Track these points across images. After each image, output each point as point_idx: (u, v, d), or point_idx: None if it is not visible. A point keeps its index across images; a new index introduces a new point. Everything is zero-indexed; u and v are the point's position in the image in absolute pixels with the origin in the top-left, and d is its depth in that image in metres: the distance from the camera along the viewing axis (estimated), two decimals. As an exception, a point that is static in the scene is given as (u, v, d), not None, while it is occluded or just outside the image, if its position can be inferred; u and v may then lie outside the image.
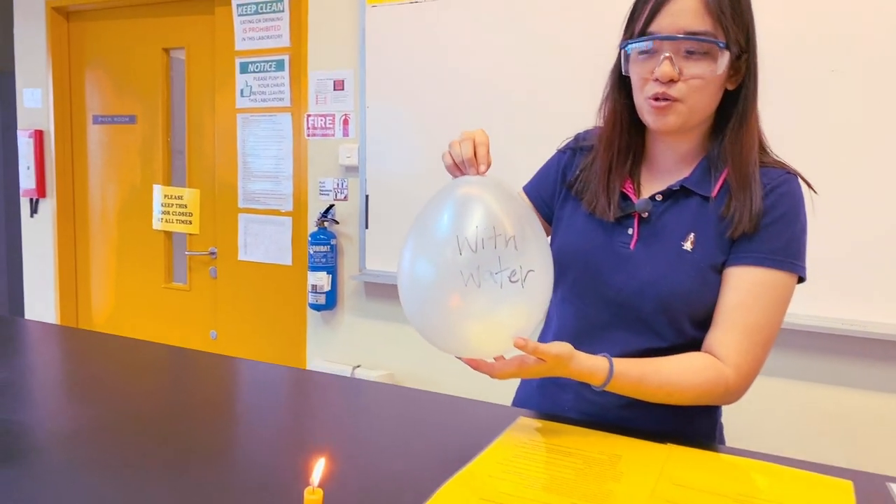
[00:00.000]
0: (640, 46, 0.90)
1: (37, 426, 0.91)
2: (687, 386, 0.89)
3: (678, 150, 0.98)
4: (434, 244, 0.84)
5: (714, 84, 0.90)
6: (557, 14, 2.11)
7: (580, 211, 1.02)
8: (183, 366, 1.24)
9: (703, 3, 0.87)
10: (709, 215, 0.94)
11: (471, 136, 0.88)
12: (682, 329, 0.94)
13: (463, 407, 1.05)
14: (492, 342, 0.86)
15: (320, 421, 1.01)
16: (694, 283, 0.92)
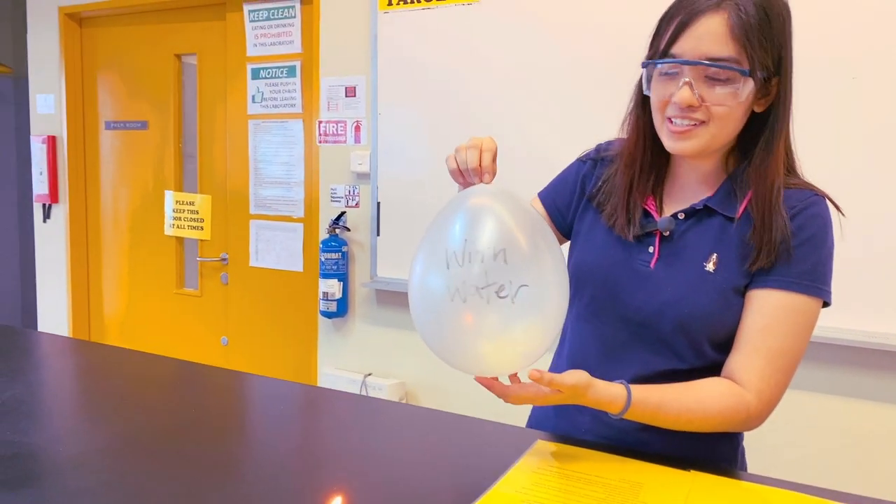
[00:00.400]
0: (661, 68, 0.88)
1: (49, 448, 0.90)
2: (707, 413, 0.86)
3: (701, 170, 0.95)
4: (437, 257, 0.81)
5: (738, 110, 0.86)
6: (571, 21, 2.09)
7: (600, 225, 1.00)
8: (196, 382, 1.23)
9: (729, 28, 0.83)
10: (732, 236, 0.91)
11: (478, 143, 0.86)
12: (702, 351, 0.92)
13: (479, 429, 1.03)
14: (501, 361, 0.83)
15: (334, 444, 0.99)
16: (715, 304, 0.90)
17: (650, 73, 0.90)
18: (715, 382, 0.89)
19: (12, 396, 1.08)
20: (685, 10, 0.85)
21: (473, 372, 0.84)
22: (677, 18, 0.86)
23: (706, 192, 0.95)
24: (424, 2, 2.31)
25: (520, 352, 0.82)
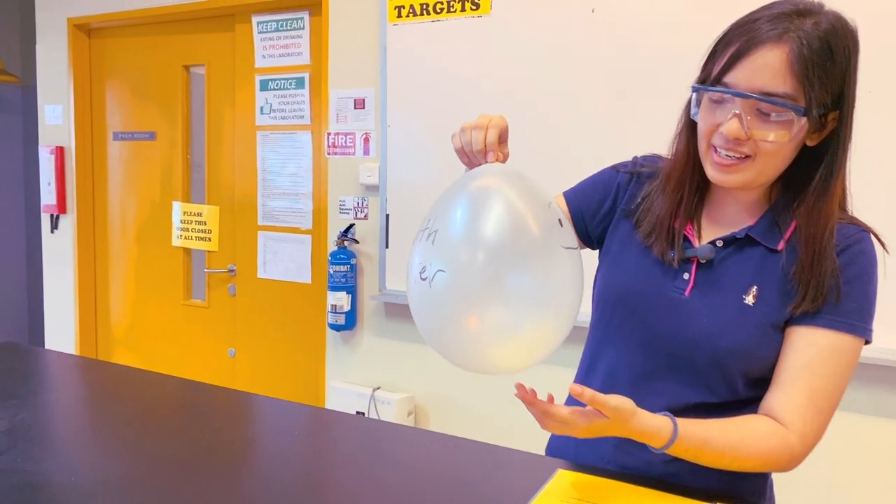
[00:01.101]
0: (712, 94, 0.84)
1: (61, 478, 0.88)
2: (752, 453, 0.83)
3: (743, 199, 0.92)
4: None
5: (788, 147, 0.82)
6: (579, 32, 2.07)
7: (633, 244, 0.96)
8: (207, 405, 1.21)
9: (788, 62, 0.78)
10: (774, 269, 0.88)
11: (485, 122, 0.84)
12: (734, 386, 0.89)
13: (496, 457, 1.01)
14: (506, 358, 0.80)
15: (347, 473, 0.97)
16: (753, 340, 0.87)
17: (699, 97, 0.86)
18: (760, 421, 0.86)
19: (22, 422, 1.06)
20: (744, 37, 0.81)
21: (477, 369, 0.82)
22: (735, 45, 0.81)
23: (747, 221, 0.91)
24: (434, 14, 2.30)
25: (528, 349, 0.79)
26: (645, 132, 2.07)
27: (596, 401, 0.76)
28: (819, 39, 0.78)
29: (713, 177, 0.86)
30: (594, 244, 1.05)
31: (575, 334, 2.30)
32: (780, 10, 0.80)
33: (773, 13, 0.80)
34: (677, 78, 1.99)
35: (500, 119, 0.84)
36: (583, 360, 1.05)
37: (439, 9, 2.28)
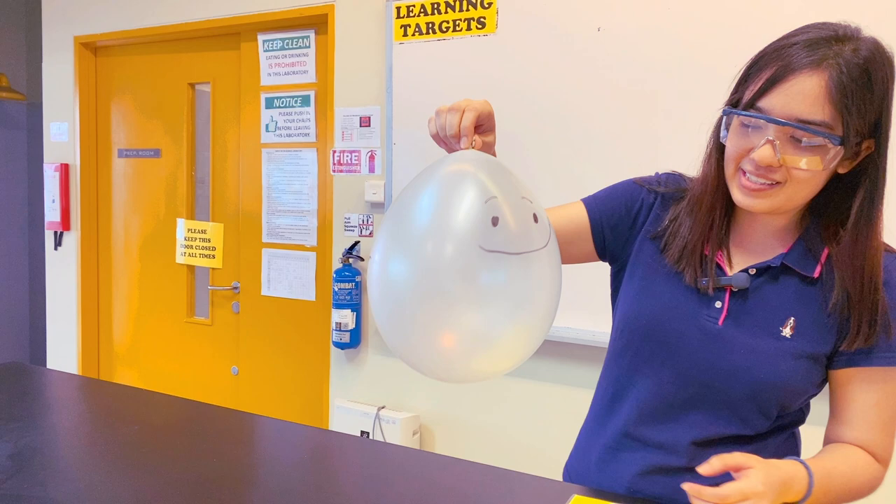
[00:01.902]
0: (743, 118, 0.81)
1: (68, 502, 0.86)
2: (862, 483, 0.86)
3: (771, 225, 0.90)
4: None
5: (821, 175, 0.80)
6: (585, 51, 2.08)
7: (661, 269, 0.93)
8: (213, 427, 1.19)
9: (827, 89, 0.75)
10: (811, 300, 0.86)
11: (461, 105, 0.78)
12: (769, 417, 0.89)
13: (510, 482, 0.99)
14: (482, 367, 0.73)
15: (358, 498, 0.95)
16: (793, 374, 0.86)
17: (729, 120, 0.84)
18: (857, 453, 0.87)
19: (27, 445, 1.05)
20: (780, 62, 0.78)
21: (444, 377, 0.74)
22: (770, 70, 0.78)
23: (777, 247, 0.89)
24: (440, 33, 2.31)
25: (503, 357, 0.72)
26: (651, 150, 2.08)
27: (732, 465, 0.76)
28: (858, 67, 0.76)
29: (740, 201, 0.84)
30: (606, 257, 1.02)
31: (585, 353, 2.27)
32: (818, 34, 0.78)
33: (811, 38, 0.78)
34: (683, 97, 2.00)
35: (480, 103, 0.79)
36: (605, 387, 1.01)
37: (445, 27, 2.29)
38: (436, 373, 0.74)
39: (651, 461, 0.93)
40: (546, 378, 2.21)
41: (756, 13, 1.81)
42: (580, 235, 0.98)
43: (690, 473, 0.90)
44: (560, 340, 2.10)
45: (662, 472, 0.92)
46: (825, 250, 0.87)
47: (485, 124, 0.81)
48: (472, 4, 2.24)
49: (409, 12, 2.35)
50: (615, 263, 1.02)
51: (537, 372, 2.22)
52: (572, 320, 2.07)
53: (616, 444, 0.97)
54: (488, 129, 0.82)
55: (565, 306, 2.16)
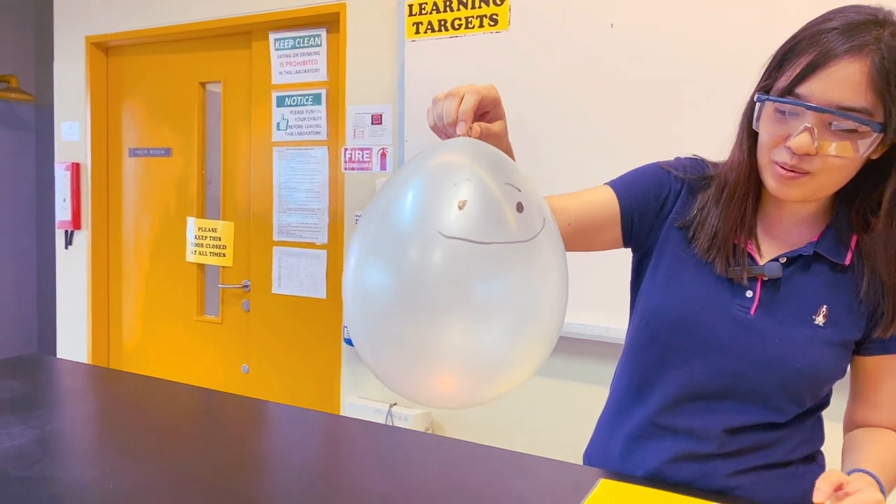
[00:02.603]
0: (779, 105, 0.79)
1: (97, 485, 0.87)
2: None
3: (800, 212, 0.89)
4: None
5: (856, 162, 0.79)
6: (598, 47, 2.08)
7: (689, 259, 0.92)
8: (229, 413, 1.20)
9: (868, 75, 0.74)
10: (843, 287, 0.87)
11: (460, 90, 0.70)
12: (801, 404, 0.89)
13: (535, 466, 0.99)
14: (481, 392, 0.62)
15: (378, 481, 0.95)
16: (827, 362, 0.86)
17: (762, 107, 0.82)
18: (894, 438, 0.89)
19: (53, 431, 1.05)
20: (819, 48, 0.76)
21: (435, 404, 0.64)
22: (809, 56, 0.77)
23: (806, 235, 0.89)
24: (452, 30, 2.32)
25: (508, 379, 0.62)
26: (665, 145, 2.07)
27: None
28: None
29: (774, 189, 0.83)
30: (632, 243, 0.99)
31: (600, 349, 2.26)
32: (854, 18, 0.77)
33: (849, 21, 0.76)
34: (696, 92, 2.00)
35: (485, 87, 0.71)
36: (629, 377, 1.00)
37: (458, 25, 2.30)
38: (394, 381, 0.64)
39: (680, 448, 0.93)
40: (561, 375, 2.21)
41: (769, 7, 1.81)
42: (609, 221, 0.96)
43: (721, 459, 0.91)
44: (576, 337, 2.10)
45: (692, 458, 0.92)
46: (854, 237, 0.87)
47: (490, 111, 0.75)
48: (485, 1, 2.25)
49: (422, 10, 2.36)
50: (639, 251, 1.00)
51: (552, 368, 2.21)
52: (587, 317, 2.07)
53: (642, 432, 0.96)
54: (495, 117, 0.75)
55: (581, 303, 2.15)
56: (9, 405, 1.16)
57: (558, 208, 0.92)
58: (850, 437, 0.93)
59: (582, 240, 0.95)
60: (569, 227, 0.92)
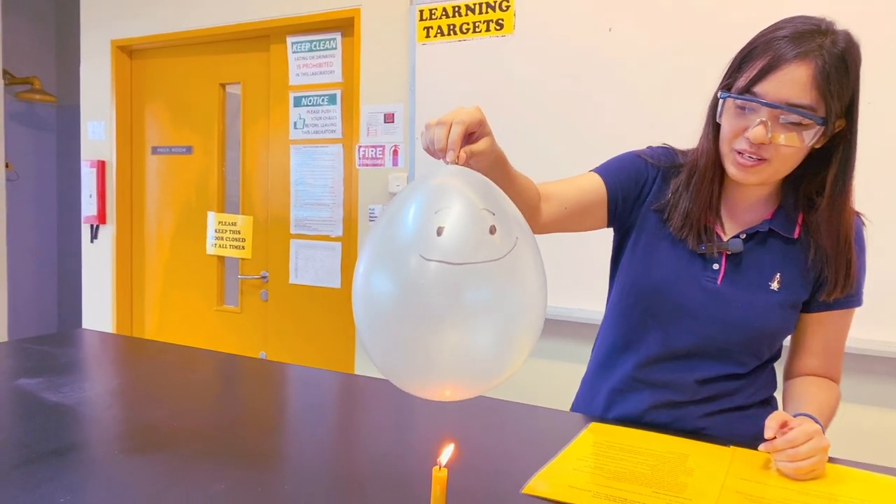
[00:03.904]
0: (738, 101, 0.93)
1: (164, 423, 1.02)
2: (834, 405, 1.05)
3: (756, 195, 1.04)
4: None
5: (802, 150, 0.93)
6: (597, 50, 2.23)
7: (664, 237, 1.06)
8: (260, 376, 1.36)
9: (812, 77, 0.87)
10: (794, 257, 1.02)
11: (449, 118, 0.76)
12: (760, 357, 1.06)
13: (531, 413, 1.15)
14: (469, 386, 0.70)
15: (381, 432, 1.11)
16: (781, 321, 1.03)
17: (724, 104, 0.95)
18: (825, 384, 1.06)
19: (120, 384, 1.22)
20: (772, 53, 0.89)
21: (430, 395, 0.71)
22: (763, 60, 0.90)
23: (761, 214, 1.04)
24: (461, 34, 2.47)
25: (501, 372, 0.69)
26: (661, 141, 2.22)
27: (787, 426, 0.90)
28: (837, 57, 0.88)
29: (734, 175, 0.96)
30: (614, 224, 1.12)
31: (570, 329, 2.40)
32: (801, 28, 0.89)
33: (796, 31, 0.89)
34: (689, 91, 2.14)
35: (468, 113, 0.76)
36: (612, 340, 1.14)
37: (465, 29, 2.46)
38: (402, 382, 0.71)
39: (658, 398, 1.08)
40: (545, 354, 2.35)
41: (766, 12, 1.95)
42: (598, 204, 1.09)
43: (693, 405, 1.06)
44: (568, 320, 2.25)
45: (668, 406, 1.08)
46: (801, 215, 1.02)
47: (476, 132, 0.80)
48: (491, 7, 2.40)
49: (432, 15, 2.51)
50: (620, 231, 1.15)
51: (560, 352, 2.36)
52: (571, 301, 2.21)
53: (624, 386, 1.12)
54: (480, 136, 0.80)
55: (566, 289, 2.28)
56: (75, 367, 1.32)
57: (556, 194, 1.06)
58: (789, 384, 1.10)
59: (576, 221, 1.09)
60: (565, 211, 1.06)
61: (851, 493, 0.85)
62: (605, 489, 0.82)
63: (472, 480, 0.85)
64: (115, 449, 0.92)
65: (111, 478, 0.83)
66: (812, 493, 0.84)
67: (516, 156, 2.55)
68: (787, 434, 0.88)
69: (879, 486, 0.87)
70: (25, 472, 0.84)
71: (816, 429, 0.88)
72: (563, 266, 2.25)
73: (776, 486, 0.85)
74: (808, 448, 0.86)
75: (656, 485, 0.84)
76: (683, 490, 0.82)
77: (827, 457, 0.90)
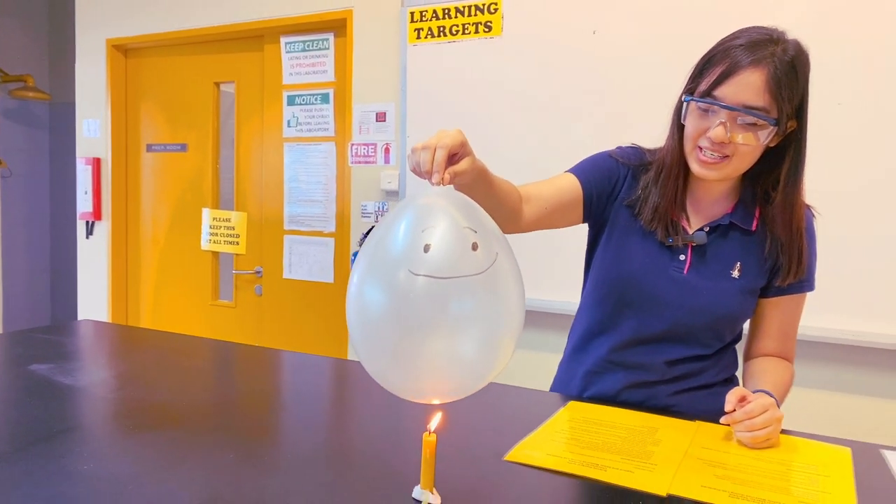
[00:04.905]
0: (701, 104, 1.01)
1: (171, 402, 1.10)
2: (788, 383, 1.14)
3: (718, 190, 1.12)
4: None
5: (758, 148, 1.02)
6: (582, 52, 2.32)
7: (635, 231, 1.14)
8: (247, 360, 1.43)
9: (766, 82, 0.96)
10: (752, 247, 1.11)
11: (433, 142, 0.81)
12: (722, 340, 1.15)
13: (512, 393, 1.23)
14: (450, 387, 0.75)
15: (368, 411, 1.18)
16: (742, 306, 1.12)
17: (688, 106, 1.04)
18: (782, 364, 1.16)
19: (127, 369, 1.29)
20: (729, 60, 0.98)
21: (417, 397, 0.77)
22: (721, 66, 0.99)
23: (723, 208, 1.13)
24: (450, 36, 2.55)
25: (485, 374, 0.75)
26: (643, 141, 2.30)
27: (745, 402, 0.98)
28: (788, 64, 0.97)
29: (698, 171, 1.06)
30: (589, 220, 1.21)
31: (547, 320, 2.48)
32: (755, 37, 0.98)
33: (750, 40, 0.98)
34: (668, 92, 2.23)
35: (450, 137, 0.82)
36: (587, 326, 1.22)
37: (455, 31, 2.53)
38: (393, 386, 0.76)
39: (631, 379, 1.17)
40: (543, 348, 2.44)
41: (749, 16, 2.04)
42: (575, 202, 1.17)
43: (663, 384, 1.15)
44: (548, 311, 2.34)
45: (640, 385, 1.16)
46: (757, 208, 1.11)
47: (458, 153, 0.84)
48: (480, 10, 2.48)
49: (423, 17, 2.59)
50: (594, 226, 1.23)
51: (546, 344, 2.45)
52: (548, 294, 2.30)
53: (599, 368, 1.20)
54: (462, 156, 0.85)
55: (543, 283, 2.37)
56: (82, 353, 1.39)
57: (536, 195, 1.13)
58: (748, 364, 1.20)
59: (555, 219, 1.16)
60: (545, 211, 1.14)
61: (802, 459, 0.93)
62: (580, 456, 0.90)
63: (458, 450, 0.93)
64: (128, 425, 1.00)
65: (128, 449, 0.91)
66: (767, 459, 0.93)
67: (503, 155, 2.67)
68: (745, 406, 0.96)
69: (826, 453, 0.96)
70: (48, 445, 0.91)
71: (771, 402, 0.97)
72: (540, 262, 2.34)
73: (735, 454, 0.94)
74: (764, 419, 0.95)
75: (626, 453, 0.92)
76: (650, 457, 0.91)
77: (780, 427, 0.99)
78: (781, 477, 0.87)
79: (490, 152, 2.52)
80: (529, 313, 2.40)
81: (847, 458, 0.95)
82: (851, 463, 0.93)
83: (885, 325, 1.97)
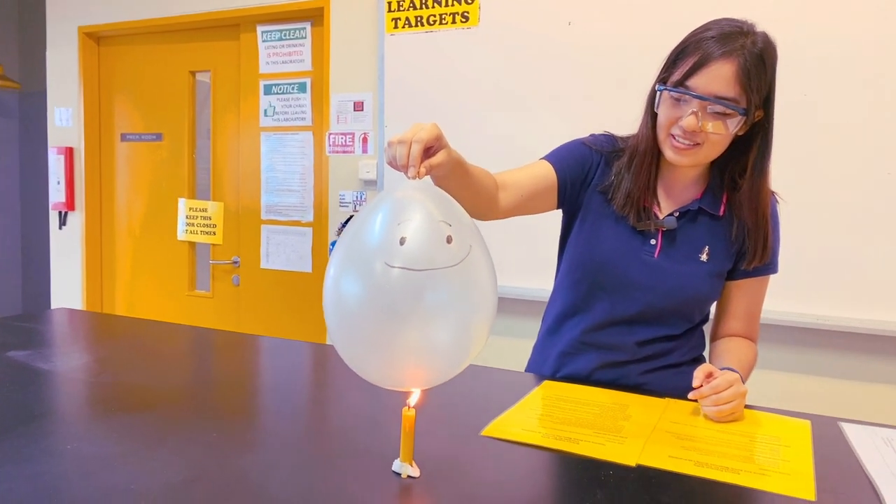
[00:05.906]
0: (674, 94, 1.05)
1: (148, 384, 1.11)
2: (752, 362, 1.19)
3: (688, 176, 1.16)
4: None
5: (728, 137, 1.06)
6: (557, 43, 2.35)
7: (608, 216, 1.17)
8: (225, 344, 1.45)
9: (736, 73, 0.99)
10: (719, 231, 1.15)
11: (409, 136, 0.83)
12: (691, 321, 1.20)
13: (485, 373, 1.26)
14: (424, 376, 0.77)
15: (349, 394, 1.21)
16: (709, 288, 1.17)
17: (661, 95, 1.07)
18: (746, 344, 1.21)
19: (106, 354, 1.29)
20: (701, 51, 1.01)
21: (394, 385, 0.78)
22: (693, 57, 1.02)
23: (692, 193, 1.16)
24: (428, 26, 2.56)
25: (459, 361, 0.78)
26: (618, 130, 2.35)
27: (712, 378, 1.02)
28: (757, 56, 1.01)
29: (671, 158, 1.09)
30: (563, 206, 1.24)
31: (519, 307, 2.52)
32: (726, 29, 1.02)
33: (721, 32, 1.01)
34: (641, 81, 2.27)
35: (426, 131, 0.84)
36: (560, 308, 1.26)
37: (432, 21, 2.55)
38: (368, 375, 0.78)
39: (604, 359, 1.21)
40: (523, 334, 2.48)
41: (721, 6, 2.09)
42: (550, 189, 1.19)
43: (634, 363, 1.19)
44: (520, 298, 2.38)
45: (613, 365, 1.20)
46: (725, 194, 1.15)
47: (434, 146, 0.86)
48: (457, 0, 2.50)
49: (400, 6, 2.60)
50: (568, 212, 1.26)
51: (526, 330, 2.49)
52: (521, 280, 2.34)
53: (572, 349, 1.24)
54: (438, 149, 0.87)
55: (517, 269, 2.41)
56: (60, 340, 1.39)
57: (512, 183, 1.16)
58: (714, 345, 1.24)
59: (531, 205, 1.19)
60: (521, 198, 1.16)
61: (765, 432, 0.98)
62: (554, 431, 0.94)
63: (436, 426, 0.96)
64: (110, 407, 1.01)
65: (110, 430, 0.92)
66: (731, 431, 0.97)
67: (480, 144, 2.70)
68: (712, 381, 1.01)
69: (787, 426, 1.01)
70: (32, 427, 0.92)
71: (736, 377, 1.02)
72: (513, 250, 2.38)
73: (702, 428, 0.98)
74: (730, 393, 0.99)
75: (598, 427, 0.96)
76: (621, 431, 0.95)
77: (745, 402, 1.03)
78: (744, 447, 0.91)
79: (466, 141, 2.55)
80: (502, 300, 2.43)
81: (807, 431, 0.99)
82: (811, 435, 0.98)
83: (845, 309, 2.04)
